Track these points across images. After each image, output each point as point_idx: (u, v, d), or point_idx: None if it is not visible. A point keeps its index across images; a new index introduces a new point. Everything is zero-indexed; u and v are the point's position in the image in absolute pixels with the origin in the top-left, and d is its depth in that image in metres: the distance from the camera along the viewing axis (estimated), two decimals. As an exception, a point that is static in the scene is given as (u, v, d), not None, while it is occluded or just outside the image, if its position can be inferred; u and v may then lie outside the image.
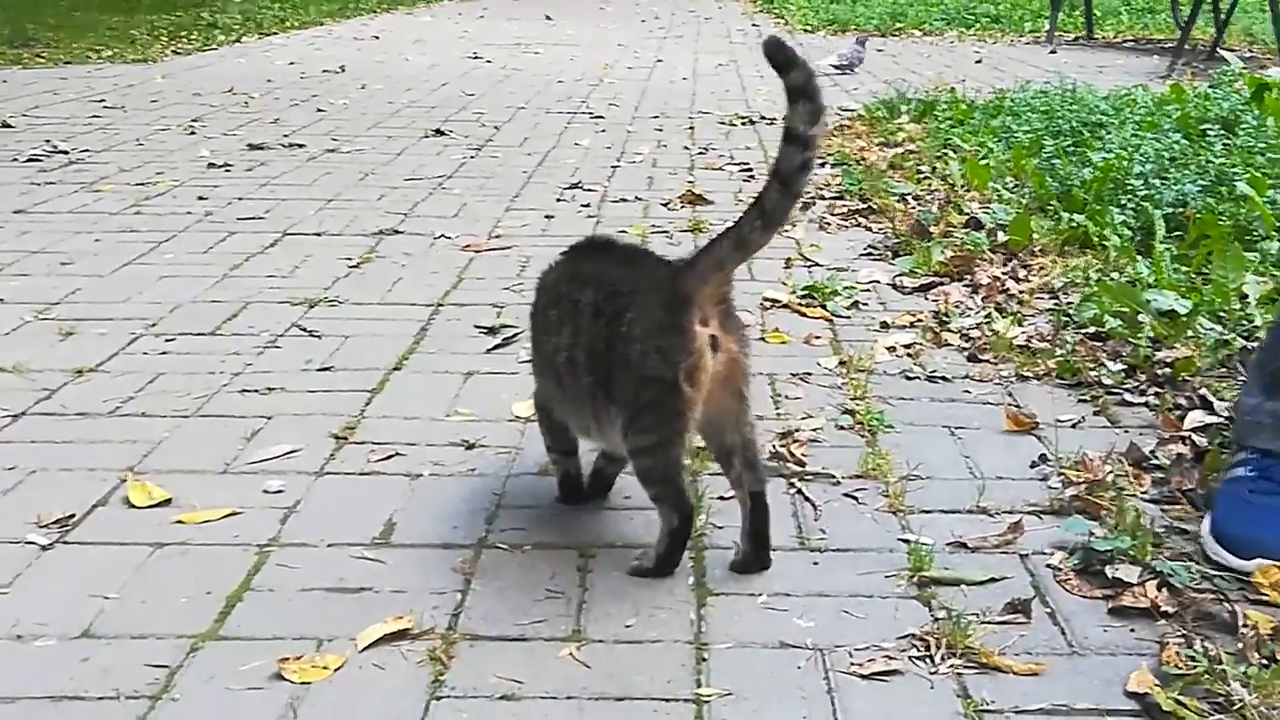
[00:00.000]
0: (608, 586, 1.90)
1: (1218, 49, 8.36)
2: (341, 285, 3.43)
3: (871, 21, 12.25)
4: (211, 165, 5.07)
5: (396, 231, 4.04)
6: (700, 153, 5.52)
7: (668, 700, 1.61)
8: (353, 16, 13.30)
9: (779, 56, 1.82)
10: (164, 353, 2.90)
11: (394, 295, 3.35)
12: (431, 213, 4.31)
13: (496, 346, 2.96)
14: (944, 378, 2.77)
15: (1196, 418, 2.44)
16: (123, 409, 2.56)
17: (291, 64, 8.72)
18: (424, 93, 7.39)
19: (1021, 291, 3.34)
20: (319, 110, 6.62)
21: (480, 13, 14.30)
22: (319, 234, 4.00)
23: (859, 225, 4.18)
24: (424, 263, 3.68)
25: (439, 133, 5.94)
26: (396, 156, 5.35)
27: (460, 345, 2.96)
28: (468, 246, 3.86)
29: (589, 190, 4.69)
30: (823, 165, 5.13)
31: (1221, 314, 2.94)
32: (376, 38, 10.95)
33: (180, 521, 2.08)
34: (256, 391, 2.66)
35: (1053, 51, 9.81)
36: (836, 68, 8.46)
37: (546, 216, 4.27)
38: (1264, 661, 1.65)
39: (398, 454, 2.35)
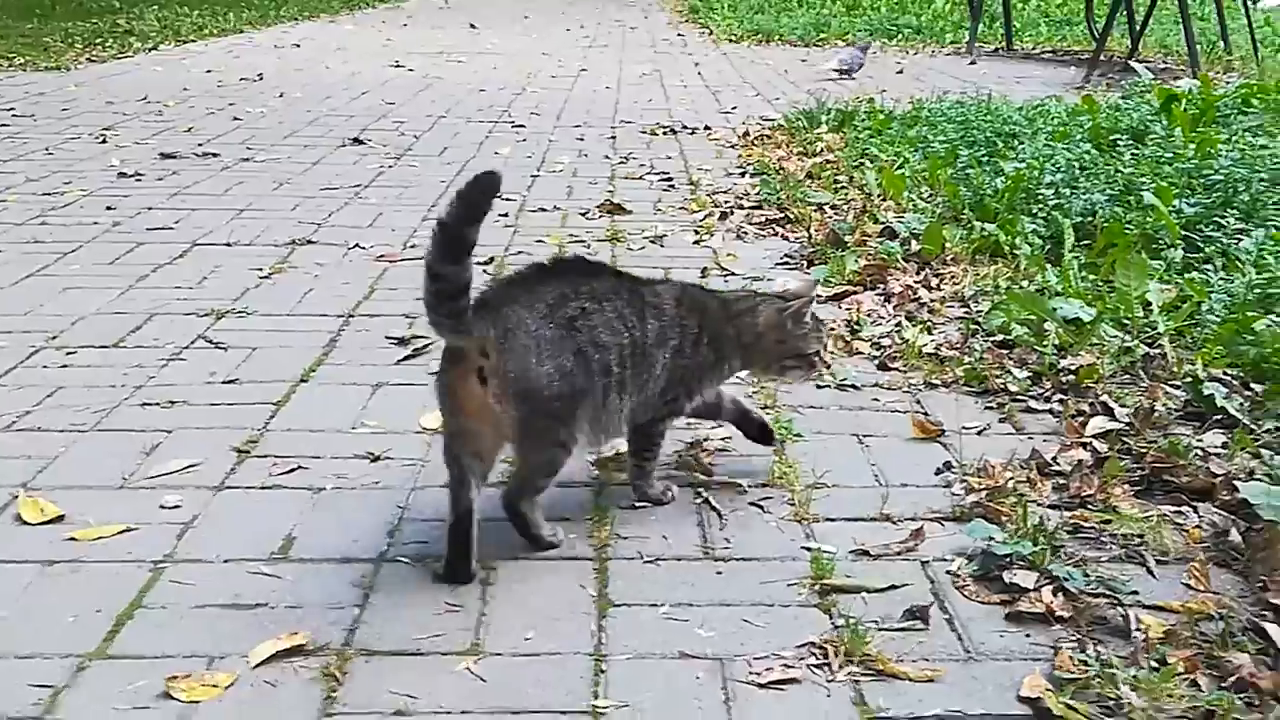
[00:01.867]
0: (509, 599, 1.88)
1: (1131, 61, 8.52)
2: (251, 296, 3.38)
3: (795, 32, 12.34)
4: (122, 175, 4.99)
5: (309, 241, 3.99)
6: (621, 162, 5.52)
7: (564, 713, 1.60)
8: (274, 24, 13.16)
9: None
10: (64, 366, 2.84)
11: (304, 306, 3.31)
12: (346, 222, 4.27)
13: (407, 357, 2.93)
14: (854, 386, 2.78)
15: (1098, 424, 2.48)
16: (18, 424, 2.50)
17: (209, 72, 8.61)
18: (343, 101, 7.32)
19: (933, 300, 3.37)
20: (235, 119, 6.53)
21: (404, 21, 14.21)
22: (230, 244, 3.94)
23: (776, 234, 4.20)
24: (336, 273, 3.64)
25: (357, 141, 5.89)
26: (313, 165, 5.29)
27: (370, 356, 2.93)
28: (382, 257, 3.82)
29: (507, 200, 4.66)
30: (742, 175, 5.16)
31: (1125, 321, 2.99)
32: (298, 46, 10.84)
33: (73, 538, 2.04)
34: (158, 405, 2.61)
35: (972, 62, 9.94)
36: (838, 72, 8.56)
37: (463, 226, 4.23)
38: (1155, 665, 1.68)
39: (300, 467, 2.32)
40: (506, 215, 4.42)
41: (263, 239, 4.01)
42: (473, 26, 13.33)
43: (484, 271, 3.66)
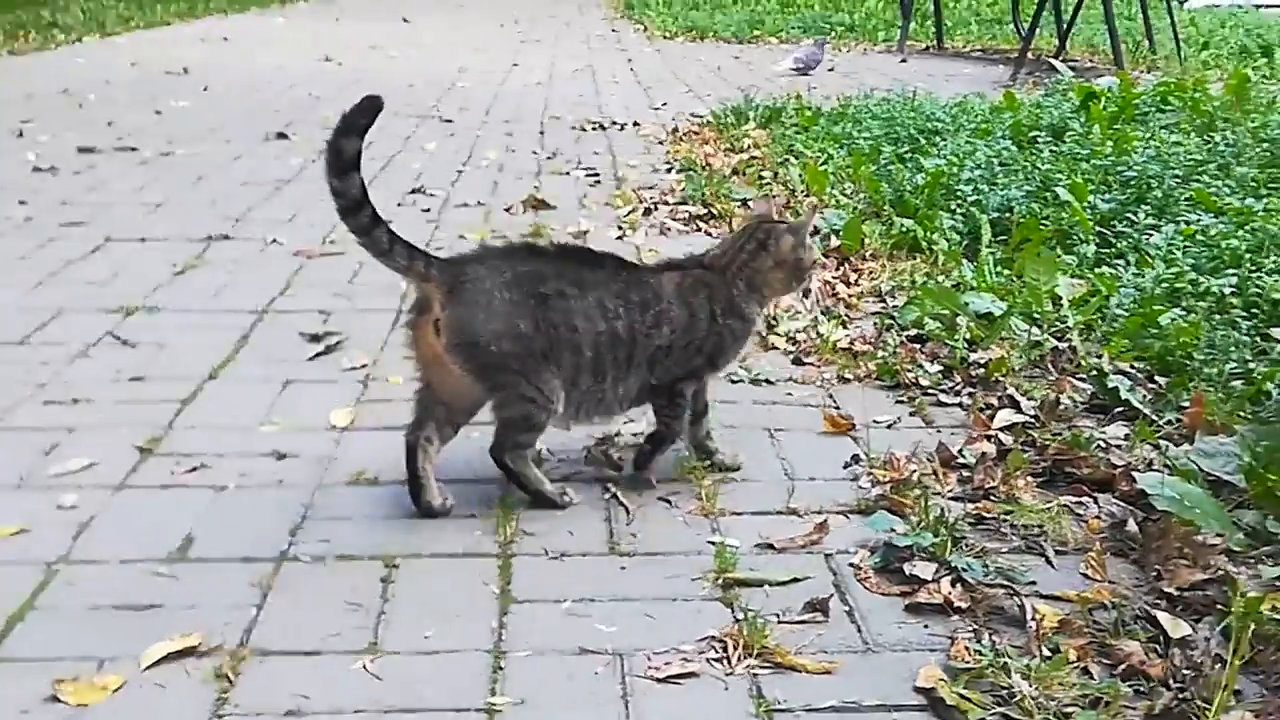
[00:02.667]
0: (410, 596, 1.87)
1: (1056, 60, 8.63)
2: (163, 292, 3.33)
3: (729, 29, 12.38)
4: (37, 169, 4.90)
5: (226, 237, 3.94)
6: (549, 158, 5.50)
7: (459, 711, 1.59)
8: (203, 17, 13.00)
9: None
10: (-34, 363, 2.78)
11: (218, 302, 3.27)
12: (265, 217, 4.22)
13: (319, 354, 2.90)
14: (768, 380, 2.79)
15: (1005, 417, 2.51)
16: (-86, 423, 2.45)
17: (133, 65, 8.48)
18: (269, 95, 7.24)
19: (850, 295, 3.39)
20: (157, 112, 6.44)
21: (336, 15, 14.09)
22: (144, 239, 3.88)
23: (699, 230, 4.20)
24: (252, 268, 3.59)
25: (281, 136, 5.83)
26: (235, 160, 5.23)
27: (282, 353, 2.90)
28: (299, 252, 3.78)
29: (431, 195, 4.64)
30: (669, 171, 5.16)
31: (1036, 316, 3.03)
32: (226, 39, 10.71)
33: (-35, 540, 1.99)
34: (61, 403, 2.56)
35: (903, 60, 10.02)
36: (794, 69, 8.60)
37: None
38: (1048, 654, 1.70)
39: (204, 466, 2.28)
40: (429, 211, 4.39)
41: (179, 234, 3.95)
42: (405, 21, 13.24)
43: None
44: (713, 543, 2.04)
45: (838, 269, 3.65)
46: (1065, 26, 9.60)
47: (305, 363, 2.84)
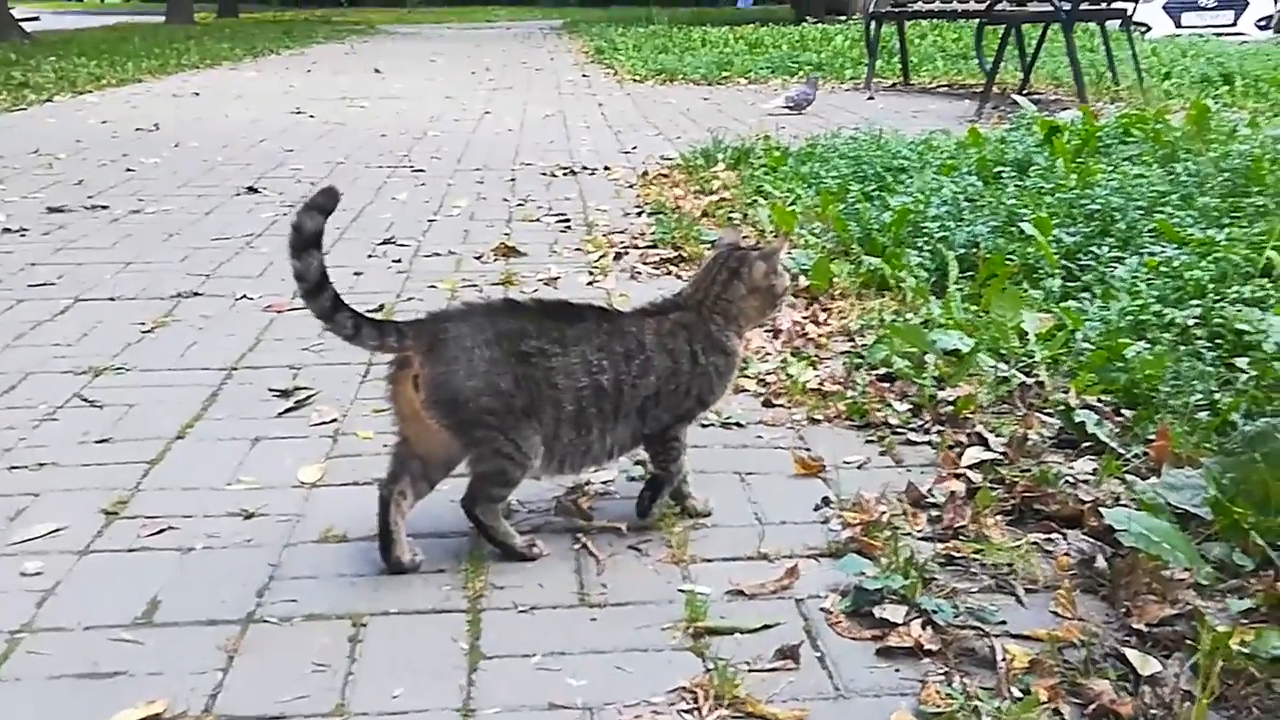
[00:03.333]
0: (379, 656, 1.85)
1: (1019, 94, 8.72)
2: (132, 351, 3.32)
3: (699, 71, 12.48)
4: (6, 230, 4.88)
5: (196, 293, 3.93)
6: (519, 204, 5.52)
7: (427, 772, 1.57)
8: (174, 73, 13.03)
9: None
10: (-69, 430, 2.76)
11: (186, 360, 3.26)
12: (235, 273, 4.22)
13: (289, 410, 2.89)
14: (738, 423, 2.80)
15: (974, 454, 2.51)
16: (-122, 492, 2.43)
17: (104, 123, 8.48)
18: (240, 149, 7.25)
19: (820, 335, 3.41)
20: (128, 170, 6.44)
21: (308, 67, 14.15)
22: (113, 299, 3.87)
23: (670, 274, 4.21)
24: (222, 325, 3.58)
25: (252, 190, 5.83)
26: (205, 216, 5.22)
27: (251, 410, 2.89)
28: (270, 307, 3.78)
29: (402, 245, 4.64)
30: (639, 214, 5.18)
31: (1003, 351, 3.04)
32: (197, 94, 10.73)
33: (-72, 611, 1.97)
34: (26, 468, 2.54)
35: (871, 98, 10.11)
36: (786, 108, 8.72)
37: (355, 273, 4.21)
38: (1019, 695, 1.69)
39: (170, 527, 2.27)
40: (400, 261, 4.40)
41: (148, 292, 3.94)
42: (377, 71, 13.30)
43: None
44: (683, 591, 2.04)
45: (807, 309, 3.66)
46: (1029, 60, 9.71)
47: (274, 419, 2.83)
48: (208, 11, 30.89)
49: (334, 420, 2.81)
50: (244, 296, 3.89)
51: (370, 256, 4.48)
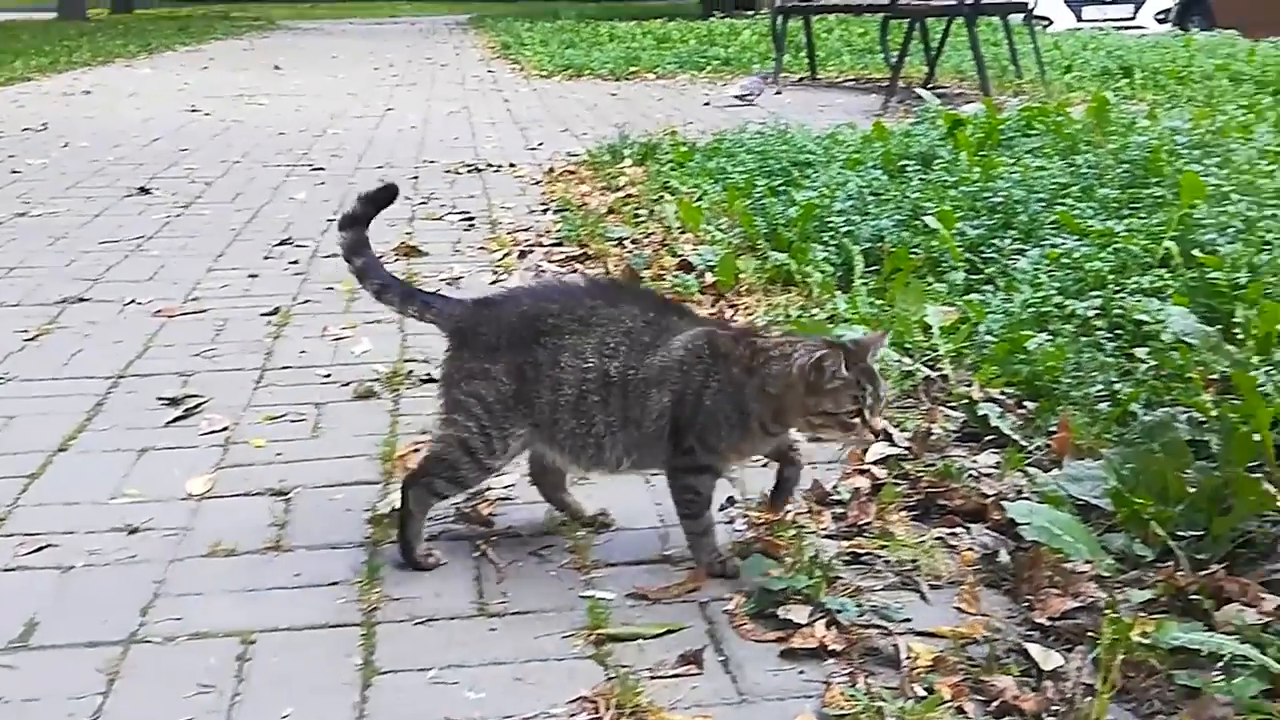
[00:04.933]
0: (268, 675, 1.78)
1: (923, 87, 8.79)
2: (13, 360, 3.19)
3: (607, 66, 12.43)
4: (-117, 235, 4.69)
5: (82, 299, 3.80)
6: (422, 203, 5.42)
7: (316, 796, 1.51)
8: (65, 70, 12.67)
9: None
10: None
11: (71, 368, 3.14)
12: (125, 277, 4.08)
13: (178, 418, 2.79)
14: (642, 423, 2.75)
15: (879, 450, 2.49)
16: None
17: (-10, 122, 8.22)
18: (133, 149, 7.05)
19: (725, 331, 3.37)
20: (14, 171, 6.23)
21: (205, 64, 13.85)
22: (-7, 306, 3.72)
23: (575, 271, 4.16)
24: (109, 331, 3.46)
25: (144, 191, 5.66)
26: (94, 218, 5.06)
27: (138, 419, 2.79)
28: (160, 311, 3.66)
29: (300, 246, 4.54)
30: (545, 212, 5.12)
31: (907, 345, 3.03)
32: (88, 92, 10.45)
33: None
34: (-104, 486, 2.42)
35: (778, 92, 10.13)
36: (738, 98, 8.85)
37: (250, 276, 4.10)
38: (922, 694, 1.67)
39: (50, 545, 2.17)
40: (297, 262, 4.29)
41: (31, 298, 3.80)
42: (277, 68, 13.06)
43: (269, 322, 3.55)
44: (585, 597, 1.99)
45: (714, 306, 3.63)
46: (933, 54, 9.80)
47: (162, 429, 2.73)
48: (101, 8, 30.16)
49: (225, 429, 2.72)
50: (133, 301, 3.77)
51: (266, 258, 4.37)
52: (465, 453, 2.05)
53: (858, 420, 1.93)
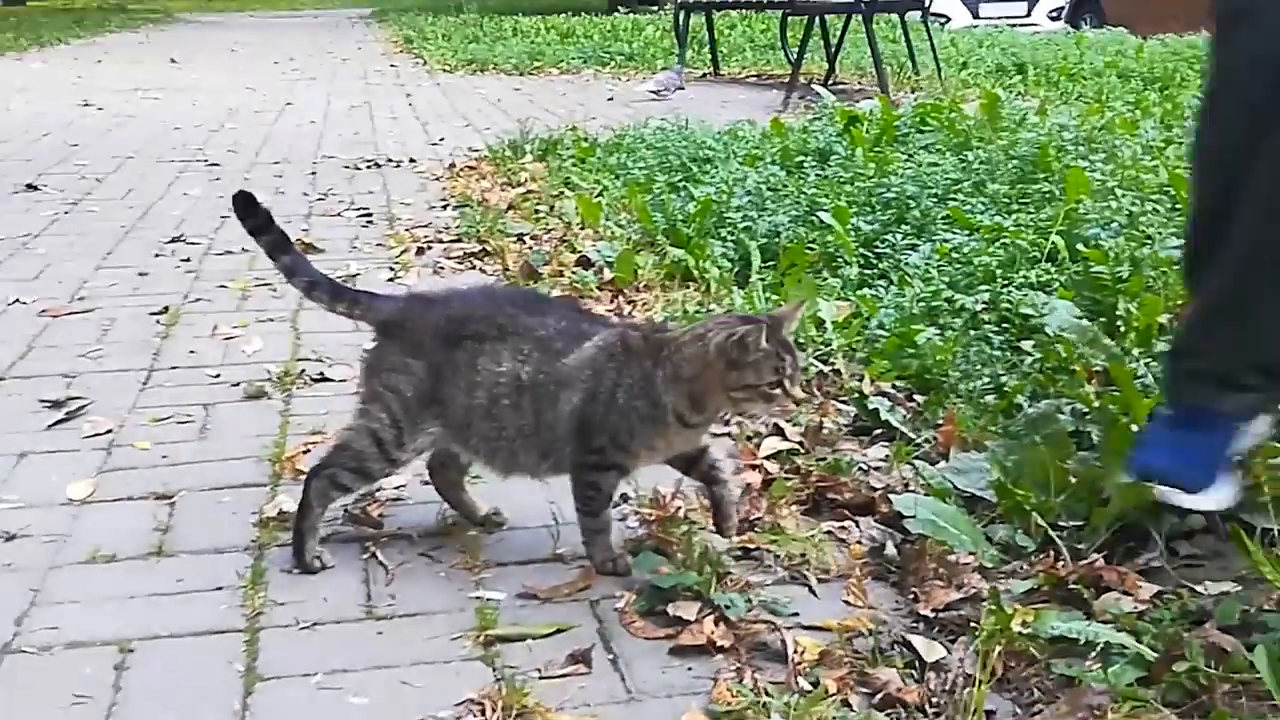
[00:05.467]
0: (147, 684, 1.74)
1: (820, 84, 8.89)
2: (-113, 363, 3.09)
3: (510, 60, 12.37)
4: None
5: (-38, 299, 3.68)
6: (320, 199, 5.35)
7: (192, 808, 1.48)
8: (-50, 64, 12.30)
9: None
10: None
11: (-51, 371, 3.04)
12: (9, 276, 3.97)
13: (60, 421, 2.72)
14: (537, 421, 2.74)
15: (771, 445, 2.51)
16: None
17: None
18: (21, 144, 6.86)
19: (623, 328, 3.37)
20: (-107, 169, 6.03)
21: (99, 58, 13.52)
22: None
23: (474, 268, 4.14)
24: (-10, 332, 3.36)
25: (31, 187, 5.51)
26: (-23, 216, 4.92)
27: (18, 423, 2.71)
28: (45, 311, 3.56)
29: (192, 244, 4.45)
30: (444, 208, 5.08)
31: (801, 340, 3.06)
32: (-25, 86, 10.15)
33: None
34: None
35: (680, 88, 10.16)
36: (653, 93, 8.86)
37: (140, 274, 4.01)
38: (808, 688, 1.69)
39: (-79, 554, 2.10)
40: (189, 260, 4.20)
41: (-91, 299, 3.68)
42: (173, 61, 12.79)
43: (158, 321, 3.47)
44: (474, 598, 1.97)
45: (612, 301, 3.63)
46: (833, 51, 9.91)
47: (43, 432, 2.66)
48: (-8, -1, 29.27)
49: (109, 431, 2.65)
50: (17, 301, 3.66)
51: (157, 255, 4.27)
52: (374, 443, 2.05)
53: (779, 390, 1.95)
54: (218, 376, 3.02)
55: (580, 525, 2.08)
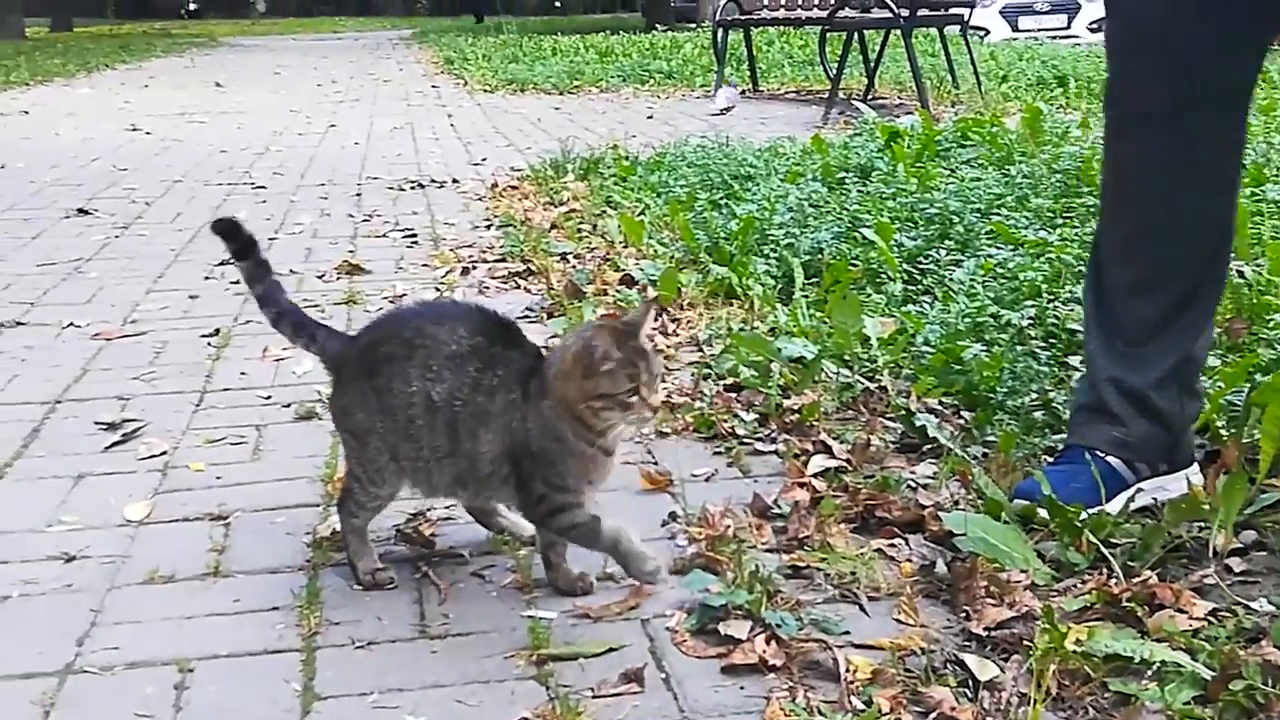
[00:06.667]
0: (207, 703, 1.77)
1: (860, 100, 8.89)
2: (-53, 387, 3.15)
3: (550, 80, 12.45)
4: None
5: (19, 323, 3.75)
6: (365, 220, 5.41)
7: (255, 825, 1.50)
8: (2, 91, 12.50)
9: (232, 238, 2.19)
10: None
11: (7, 394, 3.10)
12: (62, 300, 4.04)
13: (116, 443, 2.76)
14: (585, 440, 2.75)
15: (818, 462, 2.51)
16: None
17: (-77, 144, 8.10)
18: (71, 169, 6.98)
19: (668, 346, 3.39)
20: (-51, 194, 6.15)
21: (145, 82, 13.72)
22: (-74, 333, 3.67)
23: (518, 288, 4.17)
24: (46, 355, 3.42)
25: (82, 212, 5.61)
26: (31, 240, 5.01)
27: (75, 445, 2.75)
28: (98, 334, 3.62)
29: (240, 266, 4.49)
30: (488, 228, 5.12)
31: (846, 357, 3.06)
32: (26, 112, 10.32)
33: None
34: None
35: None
36: (723, 110, 9.07)
37: (191, 297, 4.07)
38: (861, 707, 1.69)
39: (-16, 575, 2.14)
40: (238, 283, 4.24)
41: (-34, 324, 3.75)
42: (219, 85, 12.96)
43: (209, 344, 3.52)
44: (526, 617, 1.99)
45: (656, 320, 3.64)
46: (872, 66, 9.90)
47: (100, 454, 2.70)
48: (39, 26, 29.79)
49: (164, 453, 2.69)
50: (71, 324, 3.73)
51: (207, 279, 4.34)
52: (355, 481, 2.09)
53: (635, 398, 1.90)
54: (269, 398, 3.06)
55: (602, 554, 2.07)
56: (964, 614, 1.94)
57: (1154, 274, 2.21)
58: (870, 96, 9.49)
